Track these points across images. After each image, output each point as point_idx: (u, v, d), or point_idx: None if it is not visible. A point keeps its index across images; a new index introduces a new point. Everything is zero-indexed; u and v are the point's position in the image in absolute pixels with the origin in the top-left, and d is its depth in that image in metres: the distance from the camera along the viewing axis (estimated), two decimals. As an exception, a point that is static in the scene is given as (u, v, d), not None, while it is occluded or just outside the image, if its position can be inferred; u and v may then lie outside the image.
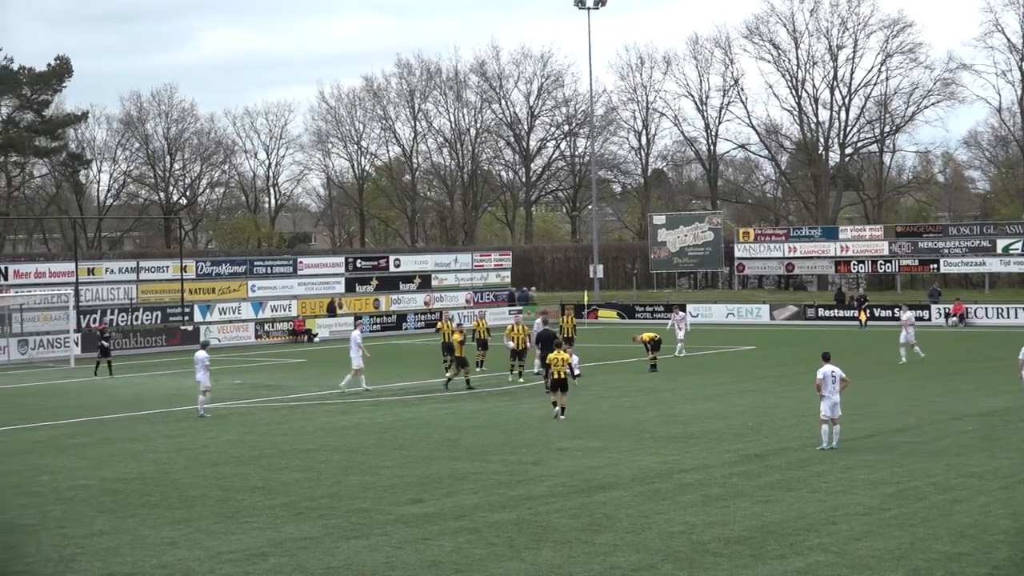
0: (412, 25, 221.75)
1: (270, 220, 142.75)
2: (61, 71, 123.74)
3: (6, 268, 73.14)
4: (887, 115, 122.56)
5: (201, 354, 41.56)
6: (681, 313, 61.55)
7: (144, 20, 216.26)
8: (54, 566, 20.77)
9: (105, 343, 57.03)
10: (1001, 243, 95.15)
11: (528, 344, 48.80)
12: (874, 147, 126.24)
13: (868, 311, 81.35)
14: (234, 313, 79.97)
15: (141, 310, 74.47)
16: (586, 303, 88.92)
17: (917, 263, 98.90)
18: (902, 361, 53.80)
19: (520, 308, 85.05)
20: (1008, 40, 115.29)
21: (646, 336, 52.91)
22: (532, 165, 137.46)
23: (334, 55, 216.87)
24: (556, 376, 38.38)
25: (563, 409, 38.11)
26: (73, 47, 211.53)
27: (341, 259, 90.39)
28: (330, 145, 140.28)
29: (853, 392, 42.83)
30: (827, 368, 31.47)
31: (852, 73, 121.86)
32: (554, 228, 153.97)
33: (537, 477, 27.69)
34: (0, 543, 22.47)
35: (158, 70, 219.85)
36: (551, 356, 39.30)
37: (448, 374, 48.23)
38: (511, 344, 48.72)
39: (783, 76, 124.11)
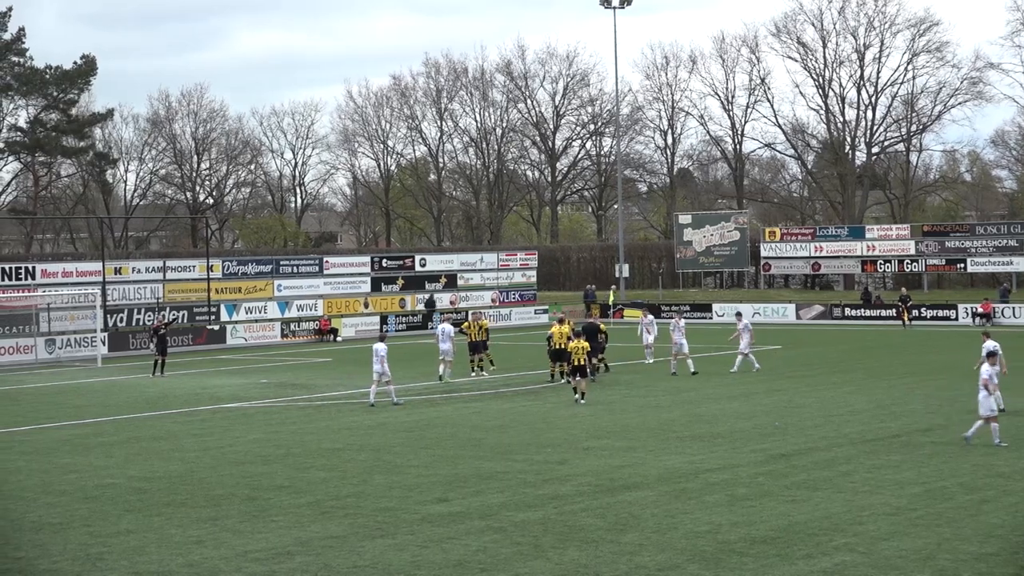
0: (440, 24, 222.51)
1: (296, 220, 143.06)
2: (87, 70, 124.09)
3: (34, 267, 73.30)
4: (914, 114, 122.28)
5: (380, 346, 42.05)
6: (650, 316, 58.63)
7: (174, 19, 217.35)
8: (81, 564, 20.83)
9: (161, 342, 56.51)
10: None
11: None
12: (901, 146, 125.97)
13: (908, 311, 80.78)
14: (260, 312, 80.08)
15: (168, 309, 74.53)
16: (612, 302, 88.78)
17: (944, 262, 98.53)
18: (733, 370, 51.26)
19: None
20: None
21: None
22: (558, 164, 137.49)
23: (363, 55, 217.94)
24: (576, 363, 42.01)
25: (583, 395, 41.17)
26: (102, 46, 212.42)
27: (367, 258, 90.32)
28: (356, 144, 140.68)
29: (882, 391, 42.91)
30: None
31: (879, 72, 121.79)
32: (580, 227, 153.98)
33: (563, 476, 27.68)
34: (27, 541, 22.54)
35: (186, 69, 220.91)
36: (571, 345, 42.93)
37: (558, 371, 48.21)
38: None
39: (810, 75, 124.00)
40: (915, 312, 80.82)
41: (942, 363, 52.95)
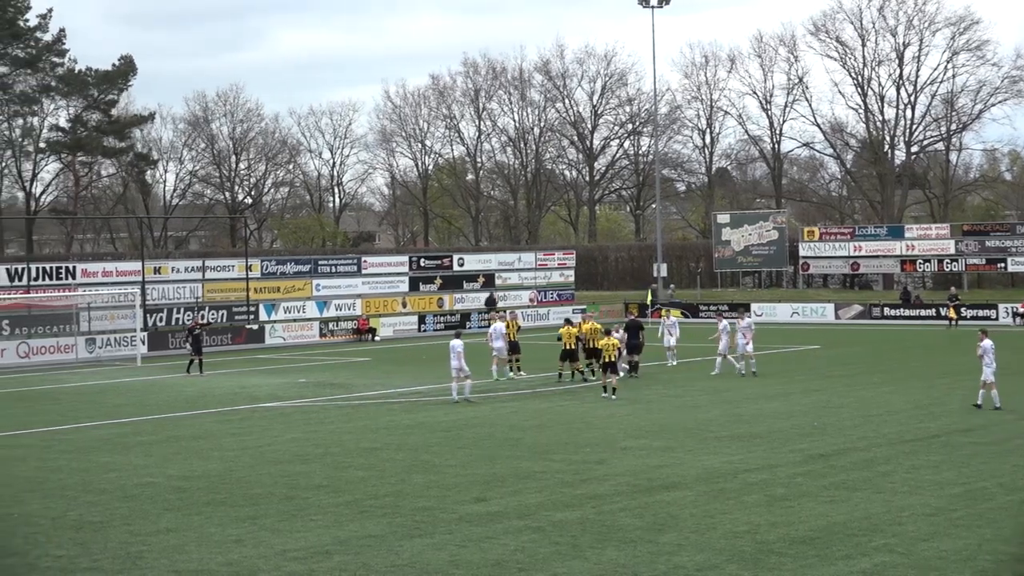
0: (479, 24, 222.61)
1: (334, 219, 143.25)
2: (126, 70, 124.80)
3: (74, 267, 73.72)
4: (953, 113, 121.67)
5: (457, 342, 42.91)
6: (672, 318, 57.39)
7: (212, 19, 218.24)
8: (121, 563, 20.91)
9: (196, 342, 56.86)
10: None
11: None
12: (940, 145, 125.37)
13: (957, 310, 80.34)
14: (299, 312, 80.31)
15: (207, 309, 74.83)
16: (649, 302, 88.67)
17: (984, 262, 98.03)
18: (714, 372, 50.66)
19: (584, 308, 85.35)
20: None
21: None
22: (596, 164, 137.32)
23: (401, 54, 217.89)
24: (607, 359, 43.45)
25: (614, 389, 42.94)
26: (142, 46, 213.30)
27: (405, 258, 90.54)
28: (394, 144, 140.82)
29: (920, 391, 42.72)
30: None
31: (918, 71, 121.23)
32: (617, 227, 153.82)
33: (601, 476, 27.65)
34: (68, 539, 22.65)
35: (225, 69, 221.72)
36: (602, 342, 44.30)
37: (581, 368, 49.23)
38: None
39: (849, 74, 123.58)
40: (960, 311, 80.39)
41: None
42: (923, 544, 20.91)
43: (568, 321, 50.51)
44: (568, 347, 48.67)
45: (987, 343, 37.95)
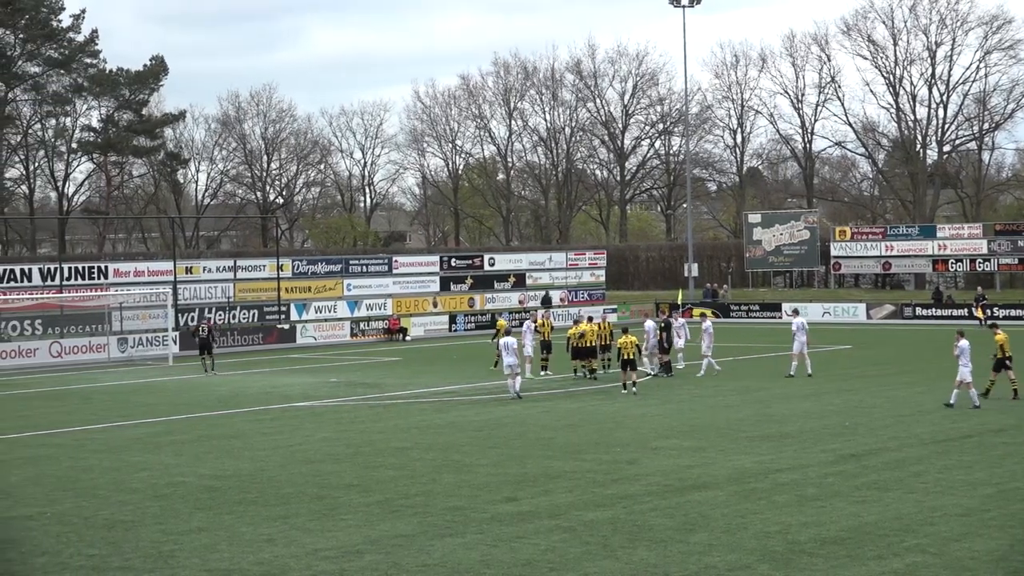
0: (510, 24, 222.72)
1: (365, 219, 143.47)
2: (157, 71, 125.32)
3: (106, 267, 74.05)
4: (986, 112, 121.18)
5: (511, 339, 43.82)
6: (681, 319, 55.14)
7: (246, 19, 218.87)
8: (152, 562, 20.98)
9: (211, 342, 57.51)
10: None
11: (612, 340, 49.32)
12: (972, 144, 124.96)
13: (983, 309, 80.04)
14: (330, 312, 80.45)
15: (238, 308, 75.05)
16: (680, 302, 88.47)
17: (1016, 262, 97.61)
18: (700, 374, 50.11)
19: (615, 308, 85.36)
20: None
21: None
22: (627, 164, 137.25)
23: (431, 55, 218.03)
24: (626, 357, 43.91)
25: (634, 384, 43.91)
26: (175, 46, 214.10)
27: (436, 258, 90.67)
28: (425, 144, 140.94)
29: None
30: None
31: (950, 70, 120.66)
32: (648, 227, 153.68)
33: (632, 476, 27.63)
34: (100, 539, 22.73)
35: (259, 70, 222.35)
36: (620, 340, 44.65)
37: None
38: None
39: (880, 73, 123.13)
40: (989, 312, 79.98)
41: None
42: (955, 544, 20.84)
43: (589, 319, 51.32)
44: (590, 344, 49.07)
45: (964, 343, 38.83)
